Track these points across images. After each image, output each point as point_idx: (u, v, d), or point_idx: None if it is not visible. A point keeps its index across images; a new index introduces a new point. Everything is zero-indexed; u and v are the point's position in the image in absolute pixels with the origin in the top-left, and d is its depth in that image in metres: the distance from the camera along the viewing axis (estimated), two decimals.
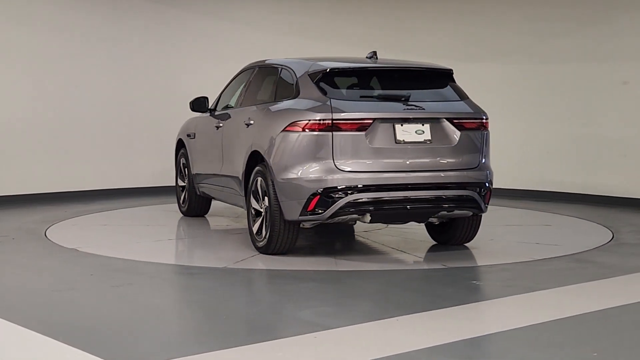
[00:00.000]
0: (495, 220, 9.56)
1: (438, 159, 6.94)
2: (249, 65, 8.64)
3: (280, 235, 6.97)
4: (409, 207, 6.83)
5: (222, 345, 4.56)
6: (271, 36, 12.92)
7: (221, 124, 8.43)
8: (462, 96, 7.35)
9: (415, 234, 8.35)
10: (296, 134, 6.78)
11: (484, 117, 7.22)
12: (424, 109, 6.96)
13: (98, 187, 11.76)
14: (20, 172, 11.01)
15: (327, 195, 6.63)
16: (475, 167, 7.06)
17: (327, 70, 7.09)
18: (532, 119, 12.01)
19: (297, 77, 7.23)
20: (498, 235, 8.51)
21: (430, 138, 6.90)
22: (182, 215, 9.76)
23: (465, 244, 7.68)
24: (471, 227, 7.51)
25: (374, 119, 6.77)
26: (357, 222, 7.04)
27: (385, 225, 8.68)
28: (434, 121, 6.95)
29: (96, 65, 11.73)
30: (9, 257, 7.33)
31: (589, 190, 11.40)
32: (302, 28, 13.09)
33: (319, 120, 6.71)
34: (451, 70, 7.51)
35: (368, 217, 6.78)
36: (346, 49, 12.50)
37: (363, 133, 6.72)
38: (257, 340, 4.65)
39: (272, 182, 6.89)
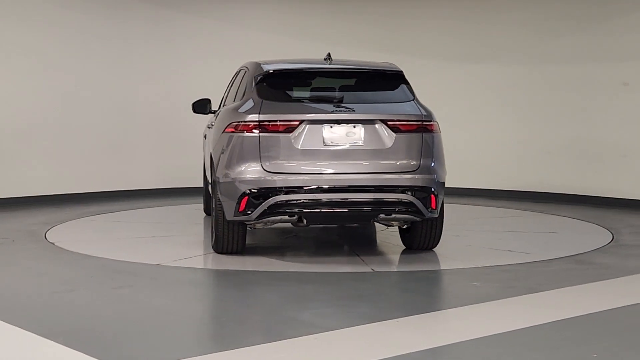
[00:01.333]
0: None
1: (370, 161, 6.81)
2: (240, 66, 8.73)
3: (225, 235, 7.06)
4: (340, 210, 6.75)
5: (222, 347, 4.56)
6: (273, 37, 12.91)
7: (210, 126, 8.54)
8: (410, 98, 7.19)
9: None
10: (231, 136, 6.89)
11: (426, 120, 6.96)
12: (354, 110, 6.85)
13: (98, 190, 11.76)
14: (21, 174, 11.01)
15: (254, 196, 6.68)
16: (414, 171, 6.84)
17: (269, 73, 7.18)
18: (532, 120, 12.01)
19: (248, 79, 7.36)
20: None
21: (361, 140, 6.81)
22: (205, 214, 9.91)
23: (433, 248, 7.50)
24: (430, 232, 7.29)
25: (301, 121, 6.77)
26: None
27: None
28: (367, 123, 6.82)
29: (97, 68, 11.73)
30: (9, 259, 7.33)
31: (589, 191, 11.39)
32: (304, 29, 13.08)
33: (248, 121, 6.79)
34: (400, 71, 7.40)
35: (303, 219, 6.79)
36: (346, 50, 12.49)
37: (290, 135, 6.74)
38: (257, 342, 4.65)
39: (216, 182, 7.03)
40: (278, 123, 6.76)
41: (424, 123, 6.95)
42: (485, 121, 12.41)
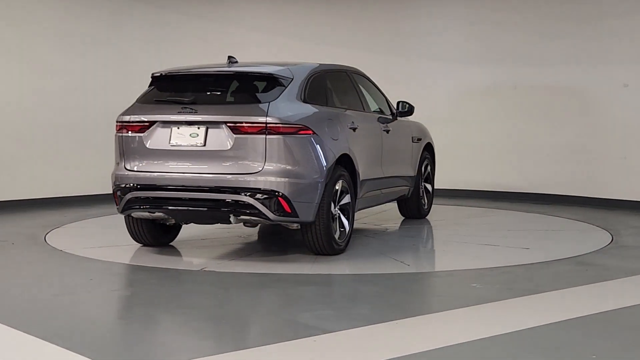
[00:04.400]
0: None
1: (211, 162, 6.91)
2: None
3: (129, 228, 7.66)
4: (187, 208, 6.97)
5: (222, 349, 4.56)
6: (268, 39, 12.91)
7: None
8: (271, 99, 6.98)
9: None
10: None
11: (273, 122, 6.77)
12: (196, 112, 6.97)
13: (98, 192, 11.74)
14: (20, 177, 11.01)
15: (118, 192, 7.26)
16: (256, 173, 6.78)
17: (153, 77, 7.55)
18: (532, 122, 12.01)
19: None
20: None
21: (203, 142, 6.93)
22: None
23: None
24: (312, 237, 7.12)
25: (152, 122, 7.14)
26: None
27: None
28: (209, 125, 6.93)
29: (96, 70, 11.74)
30: (8, 262, 7.33)
31: (589, 193, 11.40)
32: (304, 31, 13.08)
33: (117, 122, 7.39)
34: (271, 73, 7.23)
35: (162, 215, 7.13)
36: (345, 52, 12.50)
37: (141, 135, 7.17)
38: (256, 344, 4.65)
39: None
40: (132, 124, 7.26)
41: (269, 125, 6.80)
42: (484, 123, 12.41)
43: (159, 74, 7.54)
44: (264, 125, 6.79)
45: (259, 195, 6.76)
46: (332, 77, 8.10)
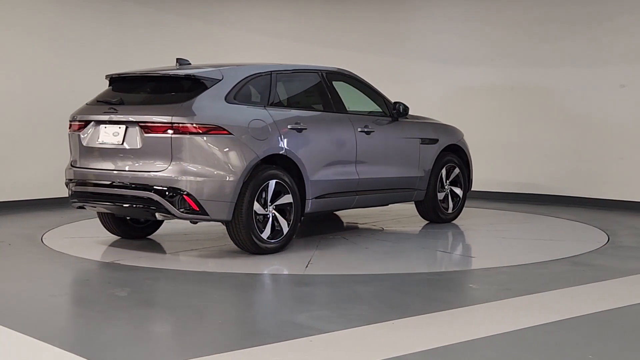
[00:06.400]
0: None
1: (127, 160, 7.27)
2: None
3: (100, 220, 8.23)
4: (113, 203, 7.32)
5: (217, 349, 4.55)
6: (267, 41, 12.91)
7: None
8: (187, 99, 7.13)
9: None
10: None
11: (179, 122, 6.95)
12: (117, 112, 7.34)
13: None
14: (17, 178, 11.00)
15: (66, 185, 7.76)
16: (162, 171, 7.01)
17: (107, 78, 7.96)
18: (529, 122, 12.02)
19: None
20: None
21: (121, 140, 7.28)
22: None
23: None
24: (234, 236, 7.29)
25: (87, 121, 7.57)
26: None
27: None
28: (129, 124, 7.25)
29: (93, 71, 11.71)
30: (5, 262, 7.32)
31: (586, 193, 11.41)
32: (300, 34, 13.08)
33: (69, 121, 7.81)
34: (193, 75, 7.35)
35: (103, 209, 7.60)
36: (344, 53, 12.51)
37: (79, 133, 7.61)
38: (252, 344, 4.64)
39: None
40: (75, 122, 7.73)
41: (175, 125, 6.97)
42: (482, 124, 12.41)
43: (110, 76, 7.93)
44: (170, 125, 7.00)
45: (165, 193, 7.00)
46: (290, 78, 8.17)
